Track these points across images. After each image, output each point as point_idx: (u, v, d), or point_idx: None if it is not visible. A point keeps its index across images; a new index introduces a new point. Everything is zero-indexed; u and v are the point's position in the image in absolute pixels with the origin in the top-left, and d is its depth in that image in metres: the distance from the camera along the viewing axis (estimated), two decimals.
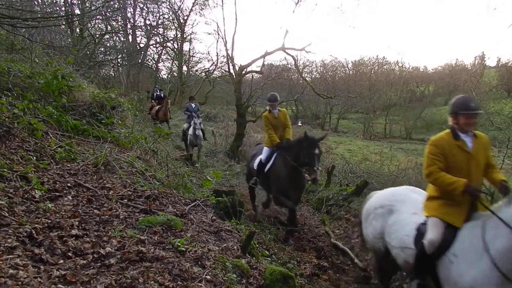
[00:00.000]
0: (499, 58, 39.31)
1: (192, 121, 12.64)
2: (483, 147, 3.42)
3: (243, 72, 16.47)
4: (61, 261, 2.53)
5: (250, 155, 8.12)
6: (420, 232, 3.41)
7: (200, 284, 2.68)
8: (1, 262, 2.27)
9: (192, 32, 27.36)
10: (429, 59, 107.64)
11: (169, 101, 18.47)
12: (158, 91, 19.40)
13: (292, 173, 6.43)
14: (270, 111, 7.08)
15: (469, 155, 3.35)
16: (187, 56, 29.29)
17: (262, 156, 7.01)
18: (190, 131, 12.71)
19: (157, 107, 17.79)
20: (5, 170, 3.56)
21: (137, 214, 3.76)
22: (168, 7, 26.13)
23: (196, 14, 28.36)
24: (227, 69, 18.21)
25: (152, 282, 2.50)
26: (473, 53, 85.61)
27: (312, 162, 6.05)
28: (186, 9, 26.28)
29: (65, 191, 3.78)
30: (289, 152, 6.47)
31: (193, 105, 13.59)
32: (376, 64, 49.08)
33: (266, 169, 6.88)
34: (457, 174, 3.28)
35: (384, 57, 48.86)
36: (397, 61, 48.65)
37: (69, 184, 3.95)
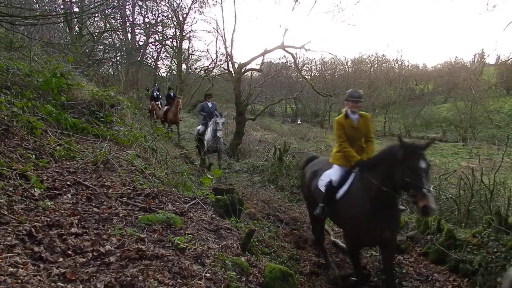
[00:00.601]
0: (499, 56, 39.24)
1: (212, 121, 10.62)
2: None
3: (243, 70, 16.47)
4: (61, 259, 2.53)
5: (309, 171, 5.77)
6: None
7: (200, 282, 2.68)
8: (0, 261, 2.27)
9: (191, 30, 27.18)
10: (429, 57, 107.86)
11: (180, 100, 16.16)
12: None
13: (379, 204, 4.25)
14: (347, 115, 5.00)
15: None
16: (186, 54, 29.23)
17: (333, 177, 4.87)
18: (208, 134, 10.79)
19: (165, 108, 16.28)
20: (4, 168, 3.56)
21: (136, 212, 3.75)
22: (167, 5, 25.99)
23: (195, 12, 28.13)
24: (226, 67, 18.19)
25: (152, 280, 2.50)
26: (472, 51, 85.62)
27: (419, 182, 3.83)
28: (185, 7, 26.13)
29: (64, 189, 3.78)
30: (375, 171, 4.36)
31: (209, 104, 11.64)
32: (376, 62, 49.06)
33: (338, 195, 4.74)
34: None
35: (383, 55, 48.80)
36: (397, 59, 48.59)
37: (68, 182, 3.95)
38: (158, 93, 18.85)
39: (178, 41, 27.51)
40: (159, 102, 18.27)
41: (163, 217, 3.64)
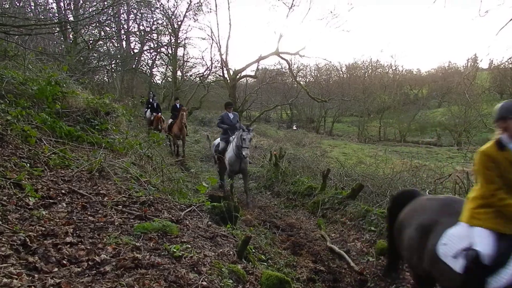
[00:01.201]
0: (492, 61, 39.67)
1: (236, 136, 8.52)
2: None
3: (238, 76, 16.53)
4: (56, 269, 2.51)
5: (412, 221, 3.43)
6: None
7: None
8: None
9: (186, 37, 27.30)
10: (422, 62, 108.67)
11: (184, 113, 14.07)
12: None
13: None
14: (502, 145, 2.92)
15: None
16: (181, 61, 29.31)
17: (480, 247, 2.75)
18: (231, 152, 8.77)
19: (169, 121, 14.68)
20: None
21: (132, 220, 3.74)
22: (162, 12, 26.14)
23: (190, 20, 28.27)
24: (221, 74, 18.28)
25: None
26: (465, 56, 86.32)
27: None
28: (179, 15, 26.27)
29: (59, 198, 3.76)
30: None
31: (231, 115, 9.61)
32: (370, 67, 49.41)
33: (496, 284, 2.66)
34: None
35: (377, 60, 49.18)
36: (391, 64, 48.95)
37: (63, 191, 3.93)
38: (152, 100, 18.65)
39: (173, 48, 27.59)
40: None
41: (159, 225, 3.62)
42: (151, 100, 17.42)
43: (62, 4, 17.18)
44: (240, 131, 8.33)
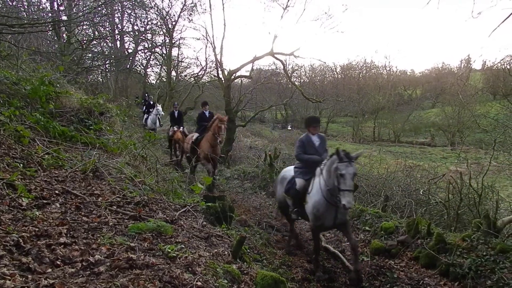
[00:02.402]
0: (485, 62, 40.01)
1: (328, 168, 5.34)
2: None
3: (232, 77, 16.52)
4: (49, 270, 2.49)
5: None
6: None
7: None
8: None
9: (180, 37, 27.20)
10: (416, 62, 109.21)
11: (223, 126, 9.51)
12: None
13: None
14: None
15: None
16: (176, 61, 29.22)
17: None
18: (316, 195, 5.54)
19: (194, 135, 10.70)
20: None
21: (126, 220, 3.72)
22: (156, 12, 25.99)
23: (185, 20, 28.22)
24: (216, 74, 18.25)
25: None
26: (459, 57, 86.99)
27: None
28: (174, 15, 26.14)
29: (52, 199, 3.73)
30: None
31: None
32: (364, 68, 49.63)
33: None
34: None
35: (372, 61, 49.44)
36: (385, 65, 49.19)
37: (57, 191, 3.90)
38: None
39: (168, 49, 27.49)
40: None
41: (154, 225, 3.61)
42: (147, 98, 17.34)
43: (55, 3, 17.07)
44: (334, 159, 5.28)
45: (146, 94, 19.65)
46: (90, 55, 21.36)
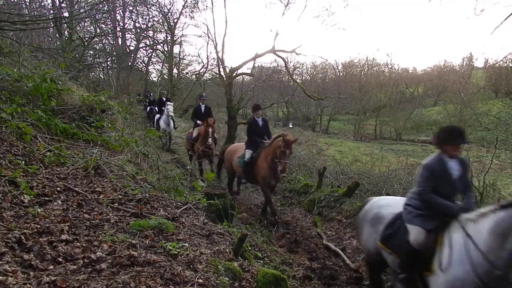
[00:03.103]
0: (487, 59, 39.82)
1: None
2: None
3: (234, 74, 16.49)
4: (51, 267, 2.50)
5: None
6: None
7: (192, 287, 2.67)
8: None
9: (182, 34, 27.13)
10: (418, 60, 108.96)
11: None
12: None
13: None
14: None
15: None
16: (178, 58, 29.16)
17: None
18: (460, 265, 3.11)
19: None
20: None
21: (128, 218, 3.72)
22: (158, 10, 25.96)
23: (186, 17, 28.09)
24: (217, 72, 18.21)
25: (144, 286, 2.48)
26: (461, 55, 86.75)
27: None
28: (175, 12, 26.07)
29: (54, 196, 3.74)
30: None
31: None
32: (366, 65, 49.46)
33: None
34: None
35: (373, 58, 49.24)
36: (387, 63, 49.01)
37: (58, 189, 3.91)
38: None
39: (169, 46, 27.44)
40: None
41: (155, 223, 3.61)
42: (148, 96, 17.01)
43: (57, 0, 17.05)
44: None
45: (148, 92, 19.54)
46: (91, 52, 21.34)
